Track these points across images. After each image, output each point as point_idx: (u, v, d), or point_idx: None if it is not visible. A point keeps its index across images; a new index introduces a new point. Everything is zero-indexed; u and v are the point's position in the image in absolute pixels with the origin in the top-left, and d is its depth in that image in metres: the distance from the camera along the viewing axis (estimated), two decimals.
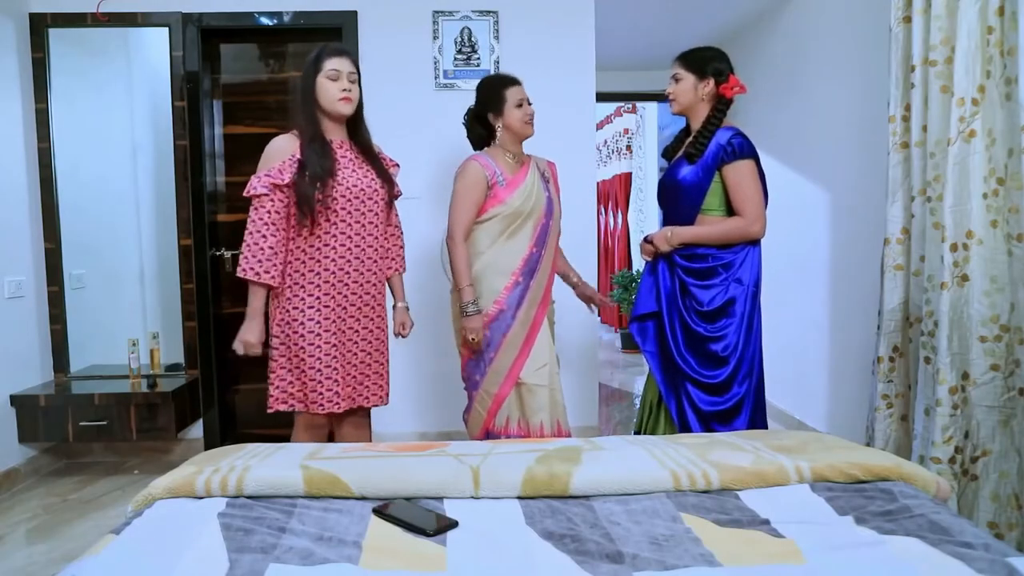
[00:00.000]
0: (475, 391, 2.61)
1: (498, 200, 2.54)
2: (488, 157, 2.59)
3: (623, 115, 7.53)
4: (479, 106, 2.64)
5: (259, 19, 3.59)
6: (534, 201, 2.58)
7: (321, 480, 1.54)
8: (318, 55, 2.34)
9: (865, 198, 3.16)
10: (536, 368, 2.56)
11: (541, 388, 2.55)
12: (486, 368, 2.56)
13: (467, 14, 3.62)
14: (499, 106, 2.58)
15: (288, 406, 2.37)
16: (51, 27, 3.51)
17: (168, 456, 3.65)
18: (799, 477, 1.56)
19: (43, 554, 2.59)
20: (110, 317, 3.72)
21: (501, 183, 2.55)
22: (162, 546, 1.30)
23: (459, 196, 2.55)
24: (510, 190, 2.55)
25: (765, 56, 4.36)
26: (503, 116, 2.58)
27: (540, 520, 1.41)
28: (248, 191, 2.27)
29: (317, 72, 2.32)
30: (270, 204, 2.26)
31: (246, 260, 2.26)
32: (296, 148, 2.29)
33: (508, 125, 2.58)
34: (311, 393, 2.33)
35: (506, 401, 2.56)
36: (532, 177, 2.61)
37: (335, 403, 2.35)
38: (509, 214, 2.54)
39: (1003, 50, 2.12)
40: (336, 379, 2.34)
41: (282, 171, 2.26)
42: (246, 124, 3.71)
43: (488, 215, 2.55)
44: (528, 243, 2.58)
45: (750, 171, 2.38)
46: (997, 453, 2.17)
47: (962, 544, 1.24)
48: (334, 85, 2.32)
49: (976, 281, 2.15)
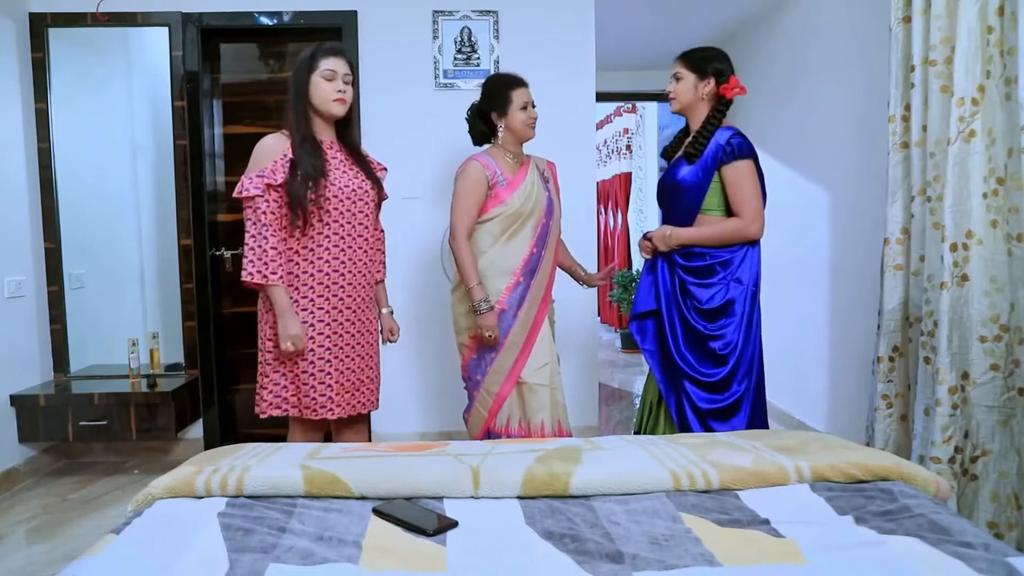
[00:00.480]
0: (476, 391, 2.61)
1: (499, 200, 2.54)
2: (489, 157, 2.59)
3: (623, 115, 7.53)
4: (484, 104, 2.64)
5: (259, 19, 3.59)
6: (534, 201, 2.58)
7: (321, 480, 1.54)
8: (313, 53, 2.31)
9: (865, 198, 3.16)
10: (537, 367, 2.56)
11: (542, 387, 2.55)
12: (487, 368, 2.56)
13: (467, 14, 3.62)
14: (504, 106, 2.58)
15: (282, 411, 2.33)
16: (51, 27, 3.51)
17: (168, 456, 3.65)
18: (799, 477, 1.56)
19: (43, 554, 2.59)
20: (110, 317, 3.72)
21: (502, 183, 2.55)
22: (162, 546, 1.30)
23: (460, 196, 2.55)
24: (511, 190, 2.55)
25: (765, 56, 4.36)
26: (507, 117, 2.58)
27: (540, 520, 1.41)
28: (240, 192, 2.23)
29: (312, 70, 2.29)
30: (265, 205, 2.22)
31: (252, 264, 2.21)
32: (287, 147, 2.26)
33: (511, 127, 2.59)
34: (305, 398, 2.31)
35: (507, 401, 2.56)
36: (532, 177, 2.61)
37: (329, 409, 2.32)
38: (510, 214, 2.54)
39: (1003, 50, 2.12)
40: (330, 383, 2.32)
41: (275, 171, 2.22)
42: (246, 124, 3.71)
43: (489, 215, 2.55)
44: (529, 243, 2.58)
45: (749, 171, 2.38)
46: (997, 453, 2.17)
47: (962, 544, 1.24)
48: (329, 85, 2.29)
49: (976, 281, 2.15)
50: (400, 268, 3.48)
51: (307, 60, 2.31)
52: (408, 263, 3.58)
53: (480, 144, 2.73)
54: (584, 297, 3.68)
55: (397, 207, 3.37)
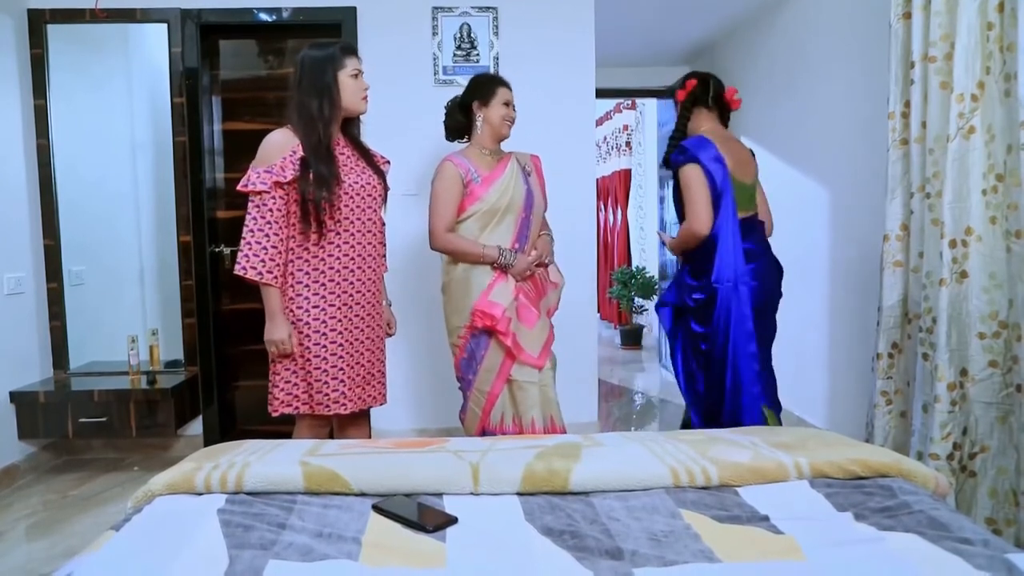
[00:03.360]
0: (469, 390, 2.61)
1: (475, 197, 2.55)
2: (462, 156, 2.61)
3: (623, 111, 7.52)
4: (467, 94, 2.66)
5: (258, 15, 3.58)
6: (511, 196, 2.58)
7: (321, 476, 1.54)
8: (335, 54, 2.29)
9: (865, 195, 3.16)
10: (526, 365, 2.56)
11: (531, 385, 2.55)
12: (477, 367, 2.57)
13: (466, 10, 3.61)
14: (488, 98, 2.60)
15: (293, 409, 2.31)
16: (50, 23, 3.50)
17: (168, 453, 3.65)
18: (798, 473, 1.56)
19: (43, 551, 2.59)
20: (110, 314, 3.72)
21: (476, 180, 2.56)
22: (162, 542, 1.30)
23: (437, 196, 2.56)
24: (485, 186, 2.56)
25: (765, 53, 4.35)
26: (487, 108, 2.60)
27: (540, 516, 1.41)
28: (247, 186, 2.20)
29: (339, 69, 2.28)
30: (272, 202, 2.20)
31: (247, 259, 2.19)
32: (295, 144, 2.24)
33: (489, 118, 2.60)
34: (316, 395, 2.29)
35: (499, 399, 2.56)
36: (510, 172, 2.61)
37: (341, 404, 2.31)
38: (487, 210, 2.55)
39: (1003, 46, 2.12)
40: (343, 379, 2.31)
41: (284, 168, 2.20)
42: (245, 120, 3.71)
43: (467, 213, 2.56)
44: (510, 238, 2.58)
45: (687, 175, 2.50)
46: (995, 449, 2.17)
47: (961, 540, 1.25)
48: (357, 84, 2.31)
49: (975, 277, 2.15)
50: (398, 264, 3.48)
51: (331, 60, 2.28)
52: (405, 259, 3.57)
53: (453, 139, 2.76)
54: (584, 294, 3.68)
55: (396, 203, 3.37)
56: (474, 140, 2.66)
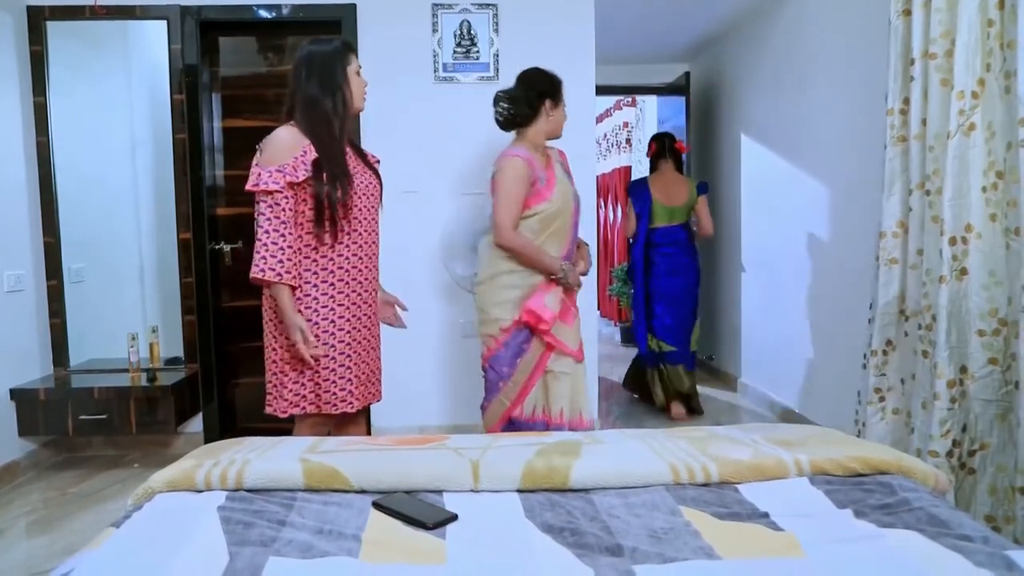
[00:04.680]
0: (501, 381, 2.60)
1: (542, 198, 2.54)
2: (528, 152, 2.56)
3: (623, 109, 7.51)
4: (541, 88, 2.61)
5: (258, 12, 3.58)
6: (566, 197, 2.60)
7: (321, 473, 1.54)
8: (340, 50, 2.25)
9: (863, 192, 3.15)
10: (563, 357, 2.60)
11: (565, 376, 2.59)
12: (516, 360, 2.57)
13: (466, 7, 3.61)
14: (559, 99, 2.62)
15: (300, 409, 2.28)
16: (49, 20, 3.50)
17: (168, 450, 3.65)
18: (798, 470, 1.57)
19: (43, 547, 2.59)
20: (109, 311, 3.72)
21: (542, 180, 2.55)
22: (162, 540, 1.30)
23: (508, 192, 2.50)
24: (550, 188, 2.56)
25: (764, 48, 4.35)
26: (557, 109, 2.61)
27: (539, 513, 1.41)
28: (259, 185, 2.14)
29: (347, 65, 2.25)
30: (284, 202, 2.15)
31: (265, 261, 2.12)
32: (305, 144, 2.18)
33: (557, 119, 2.61)
34: (324, 394, 2.27)
35: (533, 390, 2.59)
36: (561, 172, 2.63)
37: (348, 403, 2.30)
38: (552, 212, 2.55)
39: (1003, 43, 2.12)
40: (349, 378, 2.30)
41: (296, 168, 2.15)
42: (245, 117, 3.71)
43: (531, 211, 2.54)
44: (567, 239, 2.61)
45: None
46: (995, 447, 2.17)
47: (961, 537, 1.25)
48: (360, 81, 2.30)
49: (975, 275, 2.15)
50: (397, 262, 3.47)
51: (338, 56, 2.24)
52: (406, 257, 3.57)
53: (506, 128, 2.67)
54: (584, 291, 3.67)
55: (396, 201, 3.37)
56: (528, 136, 2.61)
